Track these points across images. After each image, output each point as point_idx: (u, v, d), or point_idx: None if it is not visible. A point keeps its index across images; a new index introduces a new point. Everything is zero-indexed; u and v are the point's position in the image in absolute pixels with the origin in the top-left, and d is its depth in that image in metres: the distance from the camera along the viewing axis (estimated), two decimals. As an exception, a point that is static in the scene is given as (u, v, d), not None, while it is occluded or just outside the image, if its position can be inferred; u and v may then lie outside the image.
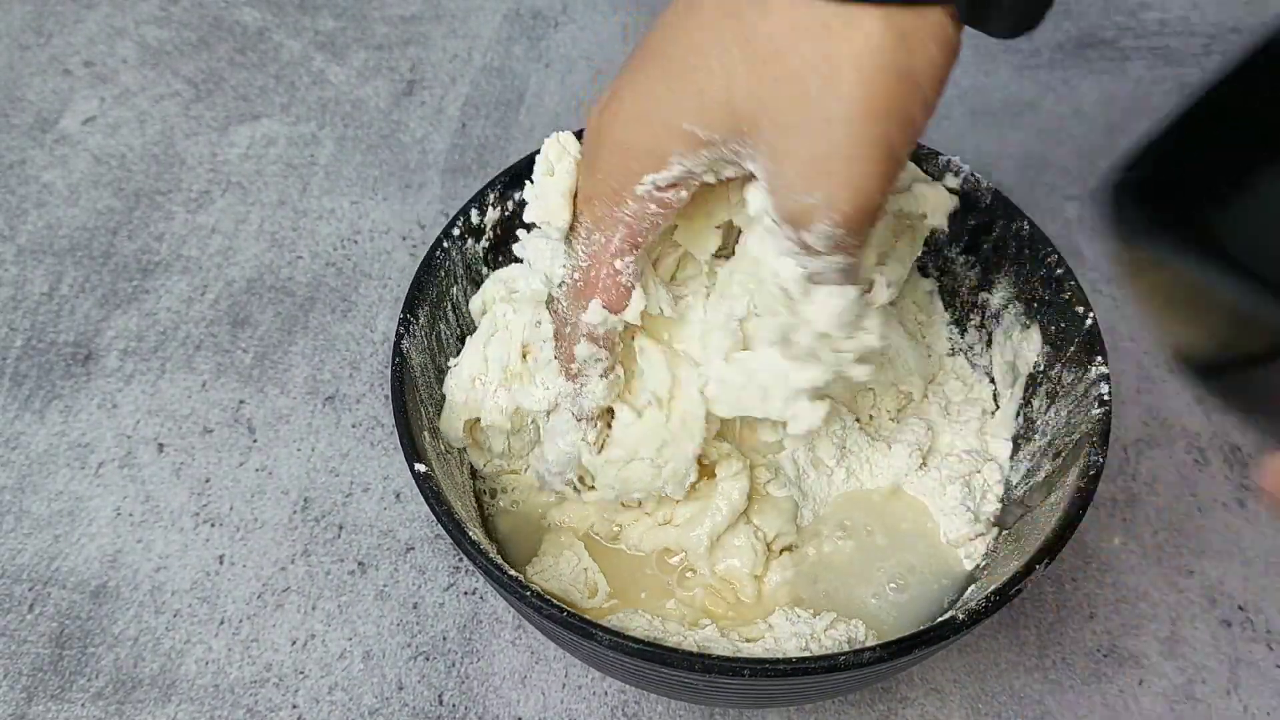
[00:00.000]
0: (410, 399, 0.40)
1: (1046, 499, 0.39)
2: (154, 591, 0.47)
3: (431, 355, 0.42)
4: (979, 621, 0.34)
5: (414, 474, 0.37)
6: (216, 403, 0.52)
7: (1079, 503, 0.36)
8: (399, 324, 0.41)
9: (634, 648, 0.33)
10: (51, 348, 0.54)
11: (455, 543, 0.36)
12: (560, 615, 0.34)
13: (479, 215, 0.44)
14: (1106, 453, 0.37)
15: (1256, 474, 0.40)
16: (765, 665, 0.33)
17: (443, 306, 0.43)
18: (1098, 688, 0.44)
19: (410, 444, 0.38)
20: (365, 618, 0.46)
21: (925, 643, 0.33)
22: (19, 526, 0.48)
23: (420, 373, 0.41)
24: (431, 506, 0.36)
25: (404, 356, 0.40)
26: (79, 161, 0.62)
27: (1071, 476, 0.37)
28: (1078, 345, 0.41)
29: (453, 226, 0.44)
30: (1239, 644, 0.46)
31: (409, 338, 0.41)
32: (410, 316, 0.41)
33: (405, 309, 0.41)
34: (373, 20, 0.70)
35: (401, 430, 0.38)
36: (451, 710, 0.44)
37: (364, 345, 0.55)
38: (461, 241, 0.44)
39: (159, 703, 0.44)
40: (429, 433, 0.40)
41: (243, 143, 0.63)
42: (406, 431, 0.38)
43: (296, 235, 0.59)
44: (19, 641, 0.45)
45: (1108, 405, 0.39)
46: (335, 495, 0.50)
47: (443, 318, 0.43)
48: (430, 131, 0.64)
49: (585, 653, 0.37)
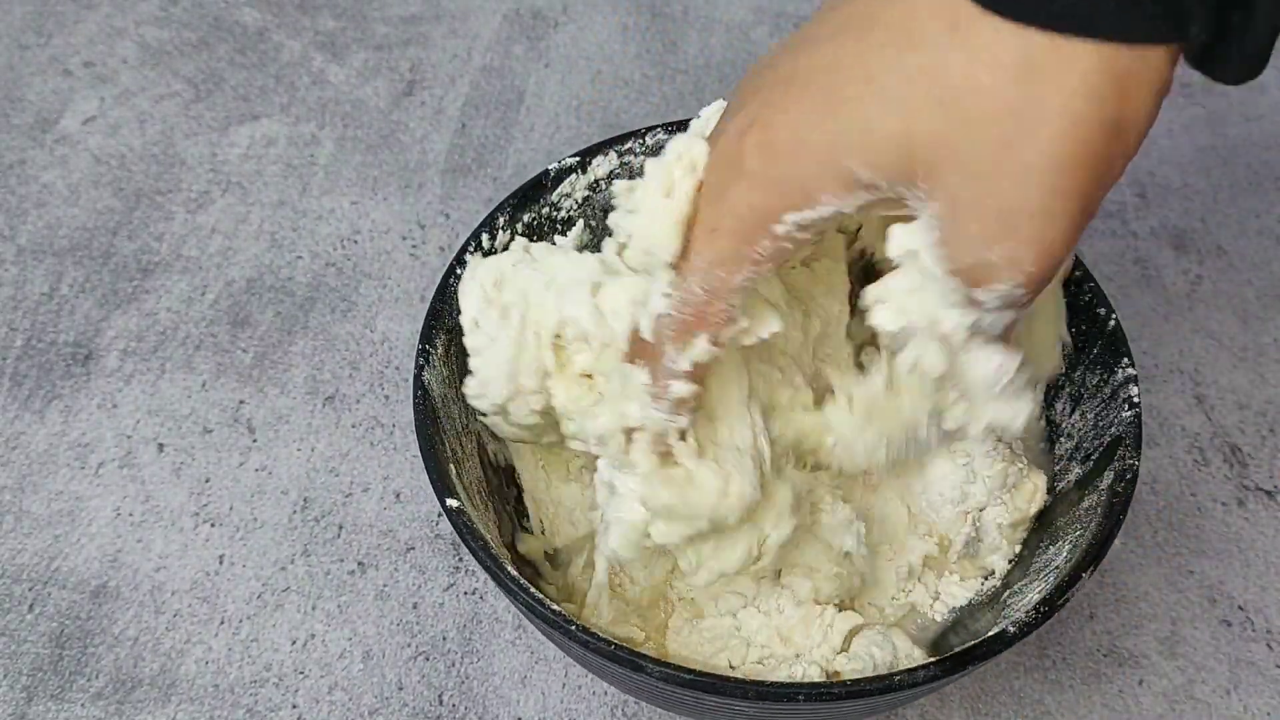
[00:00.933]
0: (434, 432, 0.39)
1: (1080, 503, 0.39)
2: (154, 591, 0.47)
3: (451, 383, 0.41)
4: (1029, 633, 0.33)
5: (446, 509, 0.36)
6: (216, 403, 0.52)
7: (1119, 507, 0.36)
8: (418, 354, 0.40)
9: (687, 678, 0.33)
10: (51, 348, 0.54)
11: (495, 580, 0.35)
12: (609, 649, 0.33)
13: (489, 239, 0.44)
14: (1140, 455, 0.37)
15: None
16: (820, 690, 0.33)
17: (460, 333, 0.42)
18: (1098, 688, 0.44)
19: (440, 480, 0.37)
20: (365, 618, 0.46)
21: (979, 658, 0.33)
22: (19, 526, 0.48)
23: (442, 404, 0.40)
24: (466, 542, 0.36)
25: (426, 389, 0.39)
26: (79, 161, 0.62)
27: (1106, 480, 0.37)
28: (1101, 347, 0.41)
29: (464, 252, 0.43)
30: (1239, 644, 0.46)
31: (429, 369, 0.40)
32: (429, 347, 0.40)
33: (423, 339, 0.40)
34: (373, 20, 0.70)
35: (429, 466, 0.37)
36: (451, 710, 0.44)
37: (364, 345, 0.55)
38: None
39: (159, 703, 0.44)
40: (454, 465, 0.39)
41: (243, 143, 0.63)
42: (435, 466, 0.37)
43: (296, 235, 0.59)
44: (19, 641, 0.45)
45: (1138, 407, 0.38)
46: (335, 495, 0.50)
47: (460, 346, 0.42)
48: (430, 131, 0.64)
49: (629, 684, 0.36)
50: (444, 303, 0.42)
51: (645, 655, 0.33)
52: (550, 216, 0.46)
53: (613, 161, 0.46)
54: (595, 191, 0.46)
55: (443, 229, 0.59)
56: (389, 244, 0.59)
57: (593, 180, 0.46)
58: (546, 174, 0.45)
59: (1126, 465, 0.37)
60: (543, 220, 0.45)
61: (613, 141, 0.46)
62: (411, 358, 0.54)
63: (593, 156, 0.45)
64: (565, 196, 0.45)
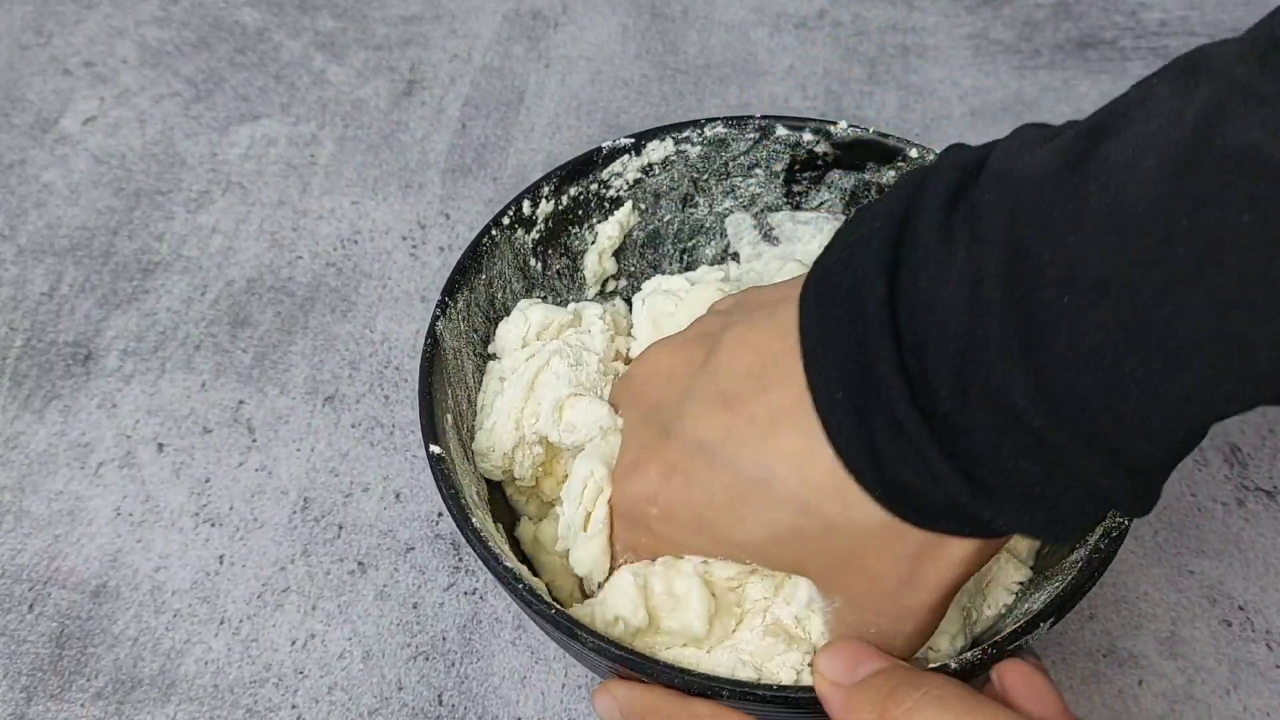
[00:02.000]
0: (438, 380, 0.39)
1: (1069, 555, 0.38)
2: (154, 591, 0.47)
3: (468, 338, 0.42)
4: (972, 675, 0.33)
5: (429, 455, 0.37)
6: (216, 403, 0.52)
7: (1097, 563, 0.35)
8: (436, 306, 0.41)
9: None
10: (51, 348, 0.54)
11: (459, 527, 0.36)
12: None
13: (531, 206, 0.44)
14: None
15: None
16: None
17: (489, 293, 0.44)
18: (1097, 688, 0.44)
19: (429, 425, 0.38)
20: (365, 618, 0.46)
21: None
22: (19, 526, 0.48)
23: (453, 357, 0.41)
24: (440, 488, 0.36)
25: (437, 338, 0.40)
26: (79, 161, 0.62)
27: (1094, 535, 0.36)
28: None
29: (503, 216, 0.44)
30: (1239, 644, 0.46)
31: (444, 320, 0.41)
32: (449, 300, 0.41)
33: (445, 293, 0.41)
34: (373, 20, 0.70)
35: (423, 407, 0.38)
36: (451, 710, 0.44)
37: (364, 345, 0.55)
38: (511, 231, 0.44)
39: (159, 703, 0.44)
40: (452, 416, 0.40)
41: (243, 143, 0.63)
42: (428, 410, 0.38)
43: (296, 235, 0.59)
44: (19, 641, 0.45)
45: None
46: (335, 495, 0.50)
47: (481, 306, 0.43)
48: (430, 131, 0.64)
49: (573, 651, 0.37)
50: (473, 260, 0.43)
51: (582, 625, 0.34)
52: (598, 194, 0.46)
53: (669, 148, 0.47)
54: (648, 175, 0.47)
55: (443, 229, 0.59)
56: (389, 244, 0.59)
57: (646, 164, 0.47)
58: (599, 151, 0.46)
59: (1115, 523, 0.36)
60: (590, 196, 0.46)
61: (670, 128, 0.47)
62: (411, 358, 0.54)
63: (649, 140, 0.46)
64: (616, 176, 0.46)
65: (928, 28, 0.70)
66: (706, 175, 0.48)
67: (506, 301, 0.45)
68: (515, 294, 0.45)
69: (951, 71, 0.67)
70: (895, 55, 0.68)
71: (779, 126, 0.47)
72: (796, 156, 0.47)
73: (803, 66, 0.68)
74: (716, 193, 0.48)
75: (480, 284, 0.43)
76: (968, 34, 0.69)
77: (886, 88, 0.67)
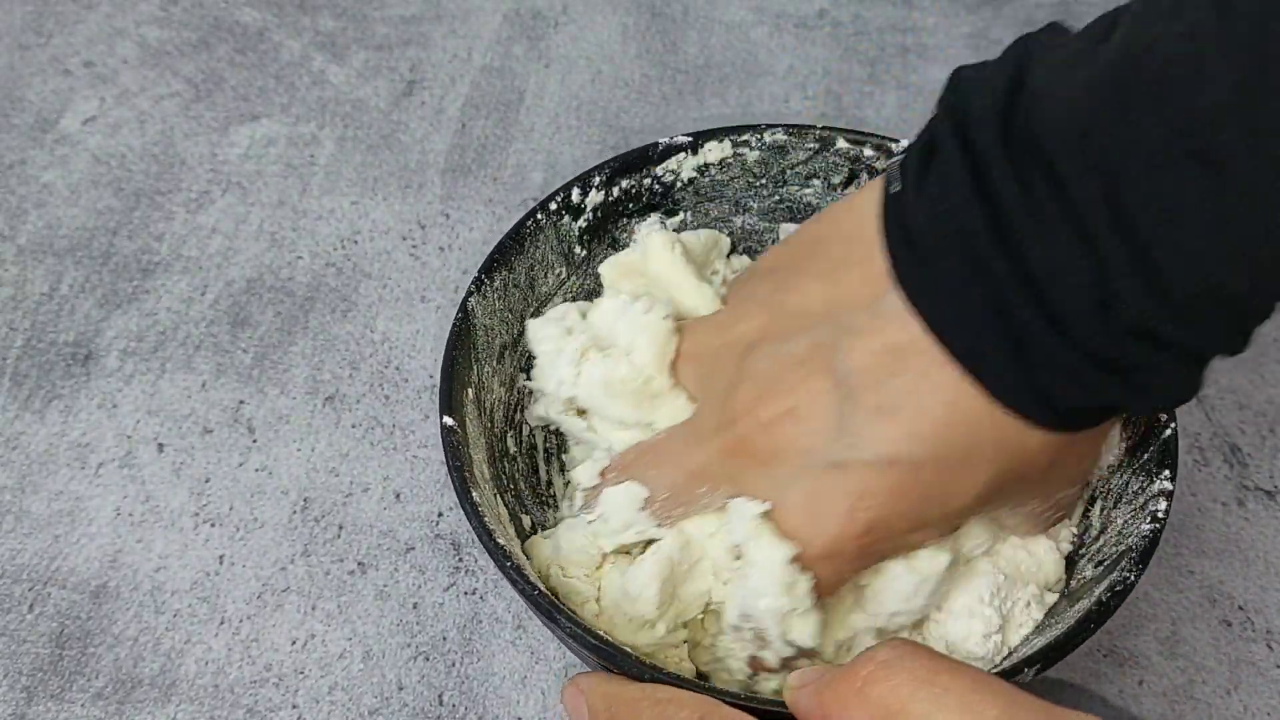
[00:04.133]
0: (462, 354, 0.40)
1: (1074, 605, 0.37)
2: (154, 591, 0.47)
3: (503, 319, 0.43)
4: None
5: (441, 426, 0.37)
6: (216, 403, 0.52)
7: (1093, 617, 0.35)
8: (472, 283, 0.42)
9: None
10: (51, 348, 0.54)
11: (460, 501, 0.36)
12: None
13: (580, 194, 0.45)
14: (1144, 572, 0.36)
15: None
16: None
17: (530, 276, 0.44)
18: (1097, 688, 0.44)
19: (447, 397, 0.38)
20: (365, 618, 0.46)
21: None
22: (19, 526, 0.48)
23: (483, 334, 0.41)
24: (448, 459, 0.36)
25: (468, 313, 0.41)
26: (79, 161, 0.62)
27: (1100, 588, 0.36)
28: (1152, 454, 0.40)
29: (550, 200, 0.44)
30: (1239, 644, 0.46)
31: (478, 296, 0.41)
32: (485, 278, 0.42)
33: (482, 270, 0.42)
34: (373, 20, 0.70)
35: (444, 380, 0.38)
36: (451, 710, 0.44)
37: (364, 345, 0.55)
38: (557, 216, 0.44)
39: (159, 703, 0.44)
40: (474, 390, 0.41)
41: (243, 143, 0.63)
42: (448, 382, 0.38)
43: (296, 235, 0.59)
44: (19, 641, 0.45)
45: (1161, 523, 0.37)
46: (335, 495, 0.50)
47: (521, 287, 0.44)
48: (430, 131, 0.64)
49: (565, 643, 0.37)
50: (516, 241, 0.43)
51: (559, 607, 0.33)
52: (650, 188, 0.47)
53: (725, 149, 0.47)
54: (702, 175, 0.47)
55: (443, 229, 0.60)
56: (389, 244, 0.59)
57: (702, 164, 0.47)
58: (655, 146, 0.46)
59: (1121, 578, 0.35)
60: (642, 190, 0.47)
61: (729, 130, 0.47)
62: (412, 358, 0.54)
63: (706, 140, 0.47)
64: (670, 172, 0.47)
65: (928, 28, 0.70)
66: (763, 180, 0.48)
67: (548, 286, 0.45)
68: (558, 279, 0.46)
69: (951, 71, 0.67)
70: (895, 55, 0.68)
71: (840, 139, 0.47)
72: (855, 171, 0.47)
73: (803, 66, 0.68)
74: (771, 200, 0.49)
75: (521, 265, 0.44)
76: (968, 34, 0.69)
77: (886, 88, 0.67)
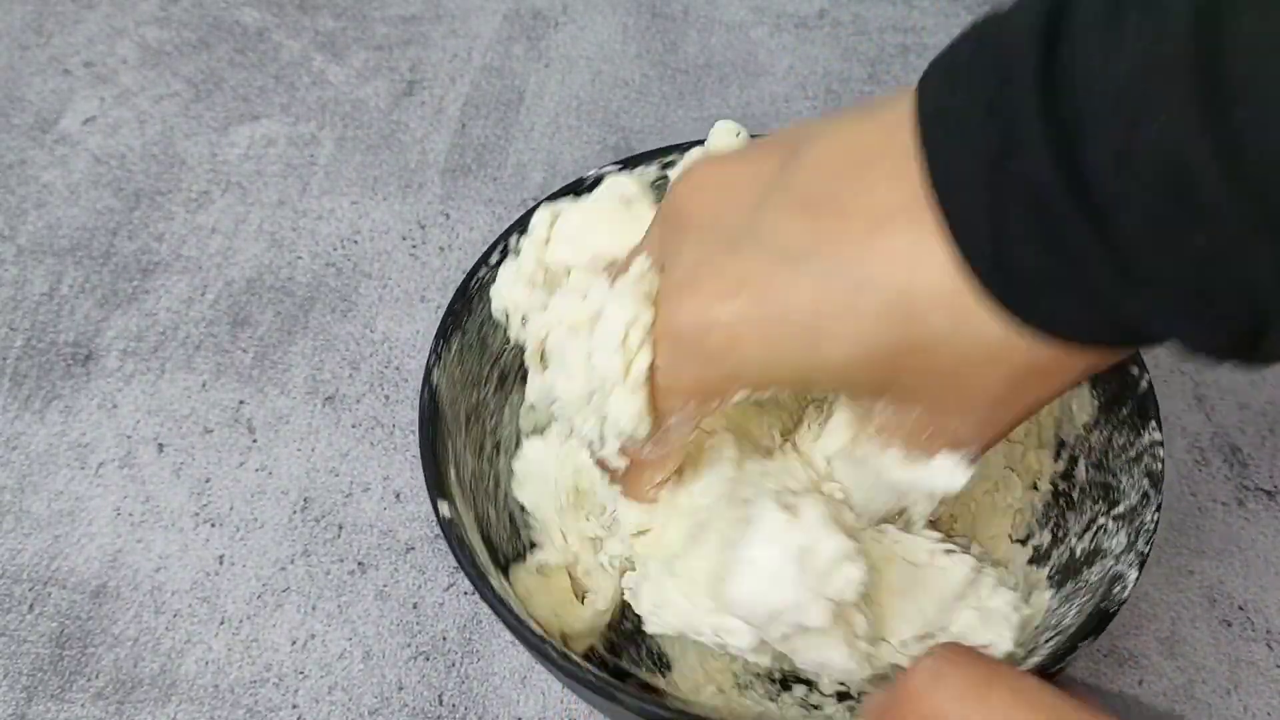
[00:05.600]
0: (439, 433, 0.38)
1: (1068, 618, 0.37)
2: (154, 591, 0.47)
3: (464, 387, 0.41)
4: None
5: (438, 517, 0.36)
6: (216, 403, 0.52)
7: (1089, 628, 0.35)
8: (430, 353, 0.40)
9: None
10: (51, 348, 0.54)
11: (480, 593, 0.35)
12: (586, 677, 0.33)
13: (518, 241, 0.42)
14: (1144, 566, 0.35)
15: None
16: None
17: (480, 336, 0.42)
18: (1098, 688, 0.44)
19: (436, 482, 0.37)
20: (365, 618, 0.46)
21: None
22: (19, 526, 0.48)
23: (449, 405, 0.39)
24: (455, 552, 0.35)
25: (433, 388, 0.39)
26: (79, 161, 0.62)
27: (1094, 598, 0.36)
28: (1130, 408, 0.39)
29: (491, 253, 0.42)
30: (1239, 644, 0.46)
31: (439, 368, 0.39)
32: (444, 343, 0.40)
33: (439, 335, 0.40)
34: (373, 20, 0.70)
35: (427, 465, 0.37)
36: (451, 710, 0.44)
37: (364, 345, 0.55)
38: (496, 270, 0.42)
39: (159, 703, 0.44)
40: (455, 467, 0.39)
41: (243, 143, 0.63)
42: (433, 466, 0.37)
43: (296, 235, 0.59)
44: (19, 641, 0.45)
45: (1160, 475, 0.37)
46: (335, 495, 0.50)
47: (476, 349, 0.42)
48: (430, 131, 0.64)
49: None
50: (462, 302, 0.41)
51: (619, 686, 0.32)
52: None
53: (654, 172, 0.45)
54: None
55: (443, 229, 0.60)
56: (389, 244, 0.59)
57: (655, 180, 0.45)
58: (581, 181, 0.44)
59: (1115, 593, 0.35)
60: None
61: (655, 154, 0.45)
62: (411, 357, 0.54)
63: (636, 165, 0.44)
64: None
65: (928, 28, 0.70)
66: None
67: (500, 344, 0.43)
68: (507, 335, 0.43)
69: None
70: (895, 55, 0.68)
71: None
72: None
73: (803, 66, 0.68)
74: None
75: (472, 326, 0.41)
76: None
77: (886, 87, 0.67)
